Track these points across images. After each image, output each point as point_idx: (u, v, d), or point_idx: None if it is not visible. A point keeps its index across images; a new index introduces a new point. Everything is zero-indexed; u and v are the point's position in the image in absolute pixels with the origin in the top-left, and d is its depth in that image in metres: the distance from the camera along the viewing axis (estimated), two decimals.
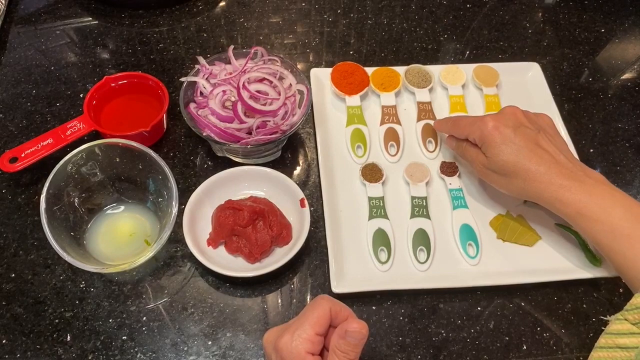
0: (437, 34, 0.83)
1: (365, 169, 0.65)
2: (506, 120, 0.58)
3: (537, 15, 0.87)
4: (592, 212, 0.53)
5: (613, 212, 0.53)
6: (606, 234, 0.53)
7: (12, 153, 0.62)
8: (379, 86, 0.73)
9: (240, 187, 0.63)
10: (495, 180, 0.60)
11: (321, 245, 0.61)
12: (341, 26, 0.83)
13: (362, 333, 0.42)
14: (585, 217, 0.54)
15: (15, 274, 0.59)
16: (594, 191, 0.54)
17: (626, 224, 0.52)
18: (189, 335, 0.56)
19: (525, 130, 0.57)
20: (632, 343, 0.49)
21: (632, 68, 0.81)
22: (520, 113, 0.59)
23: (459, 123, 0.63)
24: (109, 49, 0.78)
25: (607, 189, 0.54)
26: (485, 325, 0.57)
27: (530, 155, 0.56)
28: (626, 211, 0.53)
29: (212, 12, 0.84)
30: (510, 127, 0.57)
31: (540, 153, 0.56)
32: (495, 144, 0.57)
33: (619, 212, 0.53)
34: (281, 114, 0.63)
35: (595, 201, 0.53)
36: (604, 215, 0.53)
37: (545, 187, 0.55)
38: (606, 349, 0.51)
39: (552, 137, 0.59)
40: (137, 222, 0.61)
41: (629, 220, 0.52)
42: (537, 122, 0.60)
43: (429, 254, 0.60)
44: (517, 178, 0.57)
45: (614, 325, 0.51)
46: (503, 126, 0.57)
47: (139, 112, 0.68)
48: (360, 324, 0.42)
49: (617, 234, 0.52)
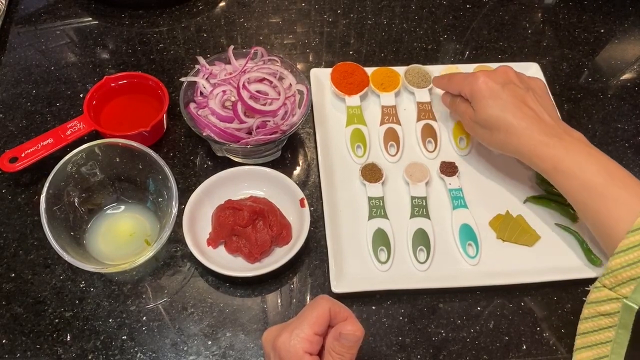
0: (437, 34, 0.83)
1: (365, 169, 0.66)
2: (496, 76, 0.60)
3: (537, 16, 0.87)
4: (567, 168, 0.54)
5: (588, 168, 0.53)
6: (580, 189, 0.54)
7: (12, 153, 0.62)
8: (378, 86, 0.73)
9: (240, 187, 0.63)
10: (479, 134, 0.62)
11: (321, 245, 0.61)
12: (341, 26, 0.83)
13: (357, 335, 0.42)
14: (561, 172, 0.55)
15: (15, 273, 0.59)
16: (571, 147, 0.55)
17: (600, 180, 0.53)
18: (189, 335, 0.56)
19: (513, 87, 0.59)
20: (613, 309, 0.50)
21: (631, 68, 0.81)
22: (512, 72, 0.61)
23: (454, 79, 0.65)
24: (109, 49, 0.78)
25: (585, 146, 0.55)
26: (485, 325, 0.57)
27: (515, 110, 0.57)
28: (601, 168, 0.53)
29: (212, 12, 0.84)
30: (499, 83, 0.59)
31: (525, 110, 0.57)
32: (483, 97, 0.59)
33: (593, 168, 0.53)
34: (281, 114, 0.63)
35: (571, 157, 0.54)
36: (579, 171, 0.54)
37: (525, 141, 0.56)
38: (590, 319, 0.52)
39: (540, 97, 0.60)
40: (137, 222, 0.61)
41: (603, 177, 0.53)
42: (527, 82, 0.61)
43: (429, 254, 0.60)
44: (499, 131, 0.58)
45: (593, 294, 0.52)
46: (492, 81, 0.59)
47: (139, 112, 0.68)
48: (355, 327, 0.42)
49: (591, 190, 0.53)
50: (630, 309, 0.48)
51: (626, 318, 0.49)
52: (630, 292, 0.48)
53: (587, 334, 0.52)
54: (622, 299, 0.49)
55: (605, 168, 0.53)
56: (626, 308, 0.49)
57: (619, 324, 0.49)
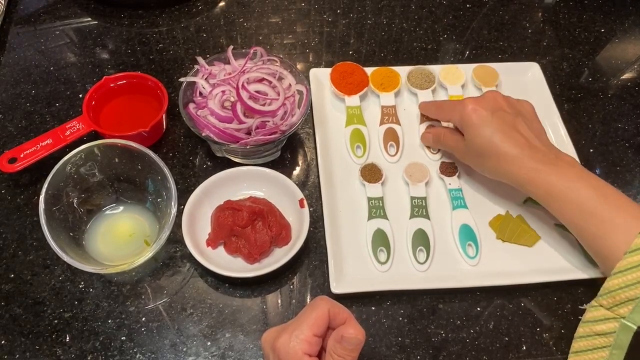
0: (437, 34, 0.83)
1: (364, 169, 0.65)
2: (485, 103, 0.60)
3: (537, 15, 0.87)
4: (560, 193, 0.54)
5: (580, 192, 0.53)
6: (574, 213, 0.54)
7: (11, 153, 0.62)
8: (378, 86, 0.73)
9: (240, 187, 0.63)
10: (471, 162, 0.62)
11: (320, 246, 0.61)
12: (341, 26, 0.83)
13: (358, 339, 0.42)
14: (555, 198, 0.55)
15: (14, 274, 0.58)
16: (563, 172, 0.55)
17: (594, 203, 0.53)
18: (188, 335, 0.56)
19: (502, 113, 0.59)
20: (609, 328, 0.50)
21: (632, 68, 0.81)
22: (501, 97, 0.61)
23: (442, 106, 0.65)
24: (108, 49, 0.78)
25: (577, 171, 0.56)
26: (485, 325, 0.57)
27: (505, 137, 0.57)
28: (595, 191, 0.53)
29: (212, 12, 0.84)
30: (488, 110, 0.59)
31: (516, 136, 0.57)
32: (473, 126, 0.59)
33: (586, 192, 0.53)
34: (280, 114, 0.63)
35: (564, 182, 0.54)
36: (572, 195, 0.54)
37: (517, 169, 0.57)
38: (585, 337, 0.52)
39: (530, 122, 0.60)
40: (136, 222, 0.61)
41: (598, 200, 0.53)
42: (516, 107, 0.61)
43: (429, 254, 0.60)
44: (490, 158, 0.58)
45: (589, 313, 0.52)
46: (481, 109, 0.59)
47: (138, 113, 0.68)
48: (357, 330, 0.42)
49: (586, 214, 0.53)
50: (628, 328, 0.48)
51: (622, 338, 0.49)
52: (629, 312, 0.48)
53: (580, 353, 0.52)
54: (620, 319, 0.49)
55: (599, 191, 0.53)
56: (623, 328, 0.49)
57: (614, 344, 0.49)
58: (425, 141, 0.68)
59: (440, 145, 0.66)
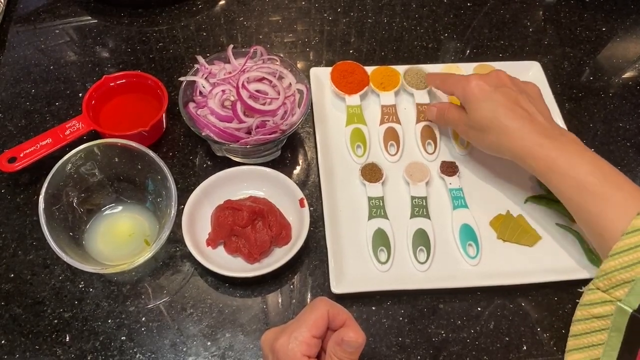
0: (438, 32, 0.83)
1: (365, 169, 0.65)
2: (489, 79, 0.60)
3: (538, 14, 0.86)
4: (560, 168, 0.54)
5: (581, 168, 0.53)
6: (573, 189, 0.53)
7: (11, 153, 0.62)
8: (378, 85, 0.72)
9: (240, 187, 0.63)
10: (472, 136, 0.62)
11: (321, 245, 0.61)
12: (341, 25, 0.83)
13: (359, 342, 0.42)
14: (554, 172, 0.55)
15: (14, 274, 0.58)
16: (564, 148, 0.55)
17: (593, 180, 0.52)
18: (188, 335, 0.56)
19: (506, 89, 0.59)
20: (606, 311, 0.50)
21: (633, 67, 0.81)
22: (506, 76, 0.61)
23: (448, 80, 0.65)
24: (108, 48, 0.78)
25: (579, 147, 0.55)
26: (485, 325, 0.57)
27: (507, 111, 0.57)
28: (595, 168, 0.53)
29: (212, 11, 0.83)
30: (492, 85, 0.59)
31: (518, 110, 0.57)
32: (476, 99, 0.59)
33: (587, 168, 0.53)
34: (280, 114, 0.63)
35: (565, 157, 0.54)
36: (572, 171, 0.53)
37: (517, 142, 0.56)
38: (583, 321, 0.51)
39: (534, 100, 0.60)
40: (136, 222, 0.61)
41: (597, 177, 0.53)
42: (520, 86, 0.61)
43: (429, 254, 0.60)
44: (491, 132, 0.58)
45: (587, 296, 0.51)
46: (485, 84, 0.59)
47: (138, 112, 0.68)
48: (357, 333, 0.42)
49: (583, 190, 0.53)
50: (623, 311, 0.48)
51: (619, 321, 0.49)
52: (624, 294, 0.48)
53: (579, 336, 0.52)
54: (616, 302, 0.49)
55: (599, 168, 0.53)
56: (619, 311, 0.48)
57: (611, 327, 0.49)
58: (429, 115, 0.68)
59: (442, 120, 0.66)
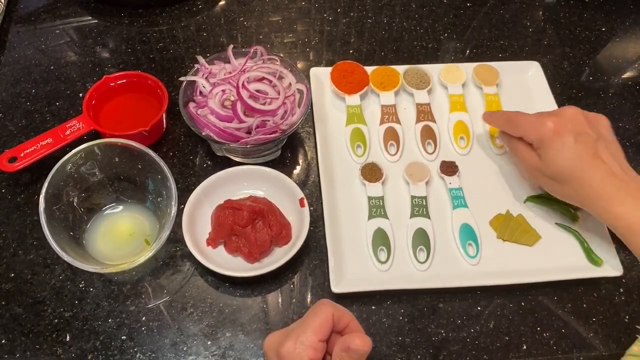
0: (438, 32, 0.83)
1: (365, 169, 0.65)
2: (565, 122, 0.57)
3: (538, 14, 0.87)
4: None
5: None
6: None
7: (11, 153, 0.62)
8: (378, 85, 0.72)
9: (240, 186, 0.63)
10: (546, 184, 0.60)
11: (321, 245, 0.61)
12: (341, 25, 0.83)
13: (365, 350, 0.41)
14: (634, 233, 0.53)
15: (15, 273, 0.59)
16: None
17: None
18: (189, 335, 0.56)
19: (585, 138, 0.56)
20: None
21: (632, 67, 0.81)
22: (581, 116, 0.58)
23: (515, 121, 0.61)
24: (108, 48, 0.78)
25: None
26: (485, 325, 0.57)
27: (588, 166, 0.55)
28: None
29: (212, 11, 0.83)
30: (572, 133, 0.56)
31: (598, 164, 0.55)
32: (555, 149, 0.56)
33: None
34: (280, 114, 0.63)
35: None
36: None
37: (597, 198, 0.55)
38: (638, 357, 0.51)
39: (610, 144, 0.58)
40: (136, 221, 0.61)
41: None
42: (596, 127, 0.58)
43: (429, 254, 0.60)
44: (569, 185, 0.56)
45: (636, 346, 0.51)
46: (565, 131, 0.56)
47: (139, 112, 0.68)
48: (363, 341, 0.41)
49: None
50: None
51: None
52: None
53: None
54: None
55: None
56: None
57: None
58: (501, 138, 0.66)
59: (512, 149, 0.63)
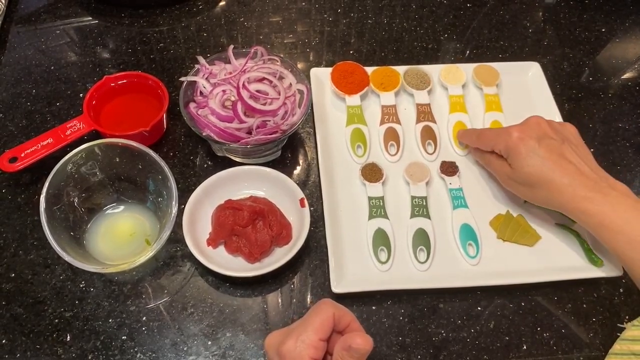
0: (438, 33, 0.83)
1: (365, 169, 0.65)
2: (530, 131, 0.58)
3: (538, 15, 0.87)
4: (614, 224, 0.53)
5: (635, 223, 0.52)
6: (627, 245, 0.53)
7: (11, 153, 0.62)
8: (378, 86, 0.73)
9: (240, 186, 0.63)
10: (519, 191, 0.60)
11: (321, 245, 0.61)
12: (341, 25, 0.83)
13: (366, 349, 0.41)
14: (607, 229, 0.54)
15: (15, 273, 0.59)
16: (616, 202, 0.54)
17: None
18: (189, 335, 0.56)
19: (549, 141, 0.57)
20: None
21: (632, 67, 0.81)
22: (545, 123, 0.59)
23: (484, 136, 0.64)
24: (109, 48, 0.78)
25: (631, 201, 0.54)
26: (485, 325, 0.57)
27: (554, 166, 0.56)
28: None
29: (212, 11, 0.84)
30: (534, 138, 0.57)
31: (565, 164, 0.56)
32: (520, 156, 0.58)
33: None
34: (281, 114, 0.63)
35: (617, 213, 0.53)
36: (627, 227, 0.53)
37: (568, 198, 0.55)
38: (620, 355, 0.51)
39: (577, 147, 0.59)
40: (136, 222, 0.61)
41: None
42: (561, 132, 0.59)
43: (429, 254, 0.60)
44: (540, 189, 0.57)
45: (629, 331, 0.51)
46: (527, 137, 0.58)
47: (139, 112, 0.68)
48: (365, 340, 0.41)
49: (638, 245, 0.52)
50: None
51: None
52: None
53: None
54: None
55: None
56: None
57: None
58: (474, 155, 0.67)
59: (486, 163, 0.65)
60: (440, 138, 0.70)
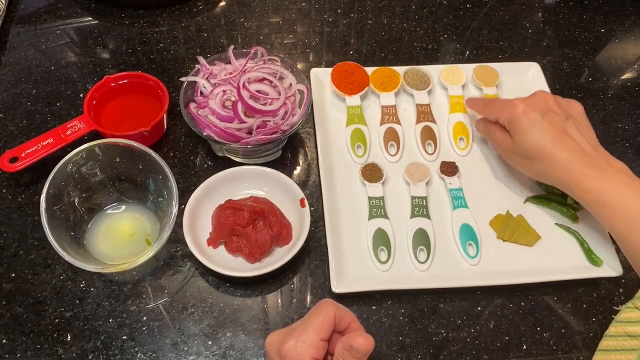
0: (437, 33, 0.83)
1: (365, 169, 0.65)
2: (536, 104, 0.59)
3: (537, 15, 0.87)
4: (610, 200, 0.53)
5: (631, 201, 0.52)
6: (622, 222, 0.53)
7: (12, 153, 0.62)
8: (378, 86, 0.73)
9: (240, 186, 0.63)
10: (518, 163, 0.61)
11: (321, 245, 0.61)
12: (341, 26, 0.83)
13: (368, 349, 0.41)
14: (603, 205, 0.54)
15: (16, 273, 0.59)
16: (614, 180, 0.54)
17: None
18: (189, 335, 0.56)
19: (553, 116, 0.58)
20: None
21: (632, 68, 0.81)
22: (551, 98, 0.60)
23: (491, 105, 0.64)
24: (109, 48, 0.78)
25: (628, 178, 0.54)
26: (485, 325, 0.57)
27: (555, 141, 0.56)
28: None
29: (212, 11, 0.84)
30: (538, 112, 0.58)
31: (566, 140, 0.56)
32: (523, 128, 0.58)
33: (636, 201, 0.52)
34: (281, 114, 0.63)
35: (614, 189, 0.53)
36: (622, 204, 0.53)
37: (566, 173, 0.56)
38: (615, 337, 0.51)
39: (580, 124, 0.59)
40: (137, 221, 0.61)
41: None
42: (566, 109, 0.60)
43: (429, 254, 0.60)
44: (540, 162, 0.58)
45: (624, 313, 0.51)
46: (532, 110, 0.58)
47: (139, 112, 0.68)
48: (366, 340, 0.41)
49: (633, 223, 0.52)
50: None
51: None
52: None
53: (608, 352, 0.52)
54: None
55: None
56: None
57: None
58: (477, 127, 0.68)
59: (488, 135, 0.66)
60: (440, 138, 0.70)
